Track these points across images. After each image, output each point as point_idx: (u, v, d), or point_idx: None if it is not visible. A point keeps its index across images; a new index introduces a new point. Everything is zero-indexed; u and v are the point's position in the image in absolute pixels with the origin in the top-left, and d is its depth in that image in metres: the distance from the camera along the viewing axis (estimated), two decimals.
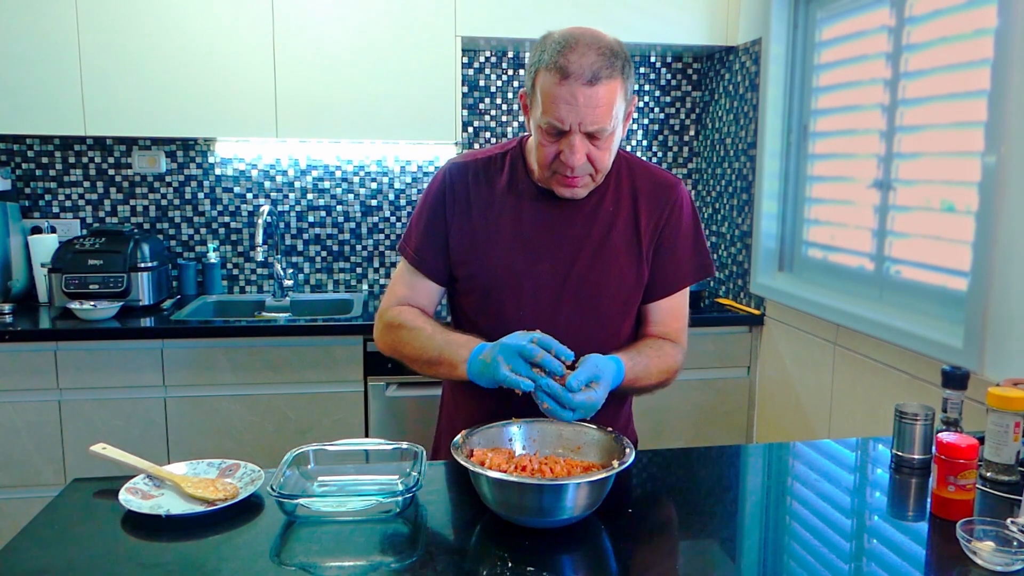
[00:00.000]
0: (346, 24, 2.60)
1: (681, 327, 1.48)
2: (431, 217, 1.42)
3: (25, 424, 2.37)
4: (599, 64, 1.21)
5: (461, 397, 1.46)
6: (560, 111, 1.22)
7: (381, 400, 2.48)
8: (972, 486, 1.11)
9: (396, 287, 1.46)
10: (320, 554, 1.02)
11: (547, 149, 1.28)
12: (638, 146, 3.17)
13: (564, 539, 1.05)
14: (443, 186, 1.41)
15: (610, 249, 1.38)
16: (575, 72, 1.20)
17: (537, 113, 1.27)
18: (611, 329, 1.41)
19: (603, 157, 1.29)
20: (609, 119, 1.24)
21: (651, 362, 1.36)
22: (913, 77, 2.04)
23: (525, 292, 1.37)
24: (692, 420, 2.72)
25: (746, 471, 1.39)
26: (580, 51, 1.21)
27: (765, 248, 2.66)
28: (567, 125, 1.23)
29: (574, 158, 1.25)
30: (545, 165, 1.31)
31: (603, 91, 1.22)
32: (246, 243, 3.00)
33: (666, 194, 1.42)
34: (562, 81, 1.21)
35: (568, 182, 1.31)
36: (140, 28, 2.51)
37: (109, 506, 1.12)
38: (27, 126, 2.53)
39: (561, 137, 1.26)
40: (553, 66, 1.22)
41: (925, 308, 1.99)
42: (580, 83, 1.21)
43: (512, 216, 1.38)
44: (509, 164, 1.41)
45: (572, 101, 1.21)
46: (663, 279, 1.43)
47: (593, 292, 1.38)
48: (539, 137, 1.29)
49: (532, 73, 1.28)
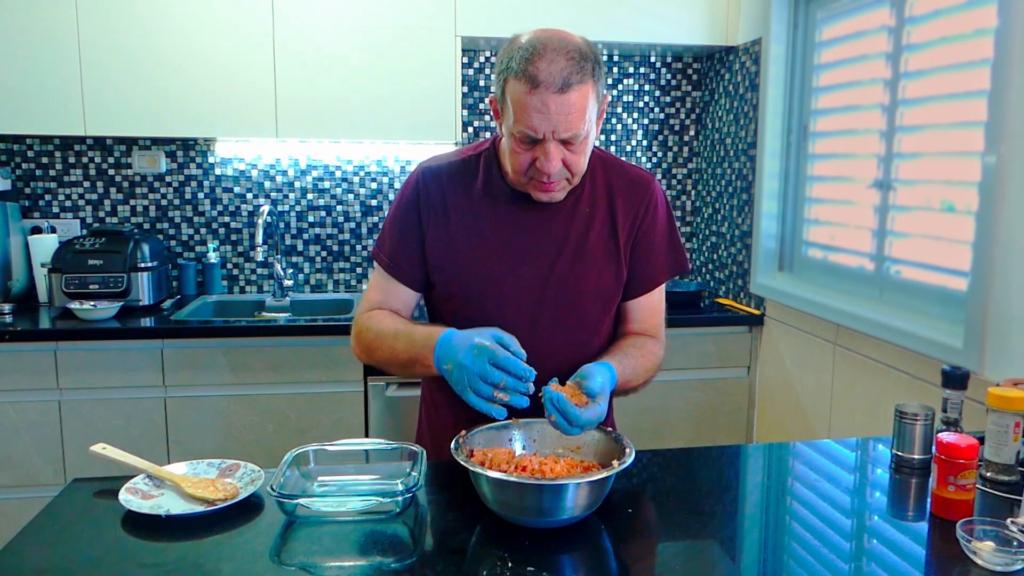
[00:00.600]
0: (346, 24, 2.60)
1: (659, 322, 1.48)
2: (405, 223, 1.39)
3: (25, 424, 2.37)
4: (569, 70, 1.19)
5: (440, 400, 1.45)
6: (532, 120, 1.20)
7: (381, 400, 2.48)
8: (972, 486, 1.12)
9: (370, 294, 1.44)
10: (320, 554, 1.02)
11: (521, 157, 1.26)
12: (638, 146, 3.17)
13: (564, 539, 1.05)
14: (417, 192, 1.39)
15: (589, 250, 1.38)
16: (545, 80, 1.18)
17: (509, 121, 1.24)
18: (591, 329, 1.41)
19: (578, 161, 1.28)
20: (582, 124, 1.22)
21: (638, 363, 1.36)
22: (913, 77, 2.04)
23: (506, 296, 1.36)
24: (692, 420, 2.72)
25: (746, 471, 1.39)
26: (549, 58, 1.19)
27: (765, 248, 2.66)
28: (540, 134, 1.22)
29: (550, 165, 1.24)
30: (521, 172, 1.29)
31: (575, 97, 1.20)
32: (246, 243, 3.00)
33: (642, 192, 1.42)
34: (532, 90, 1.19)
35: (545, 187, 1.29)
36: (140, 28, 2.51)
37: (109, 506, 1.12)
38: (27, 126, 2.53)
39: (535, 145, 1.24)
40: (522, 74, 1.19)
41: (925, 308, 1.99)
42: (551, 91, 1.18)
43: (490, 220, 1.37)
44: (484, 166, 1.40)
45: (544, 110, 1.19)
46: (641, 277, 1.43)
47: (574, 293, 1.37)
48: (512, 145, 1.26)
49: (501, 80, 1.25)
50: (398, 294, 1.42)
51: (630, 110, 3.15)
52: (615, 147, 3.15)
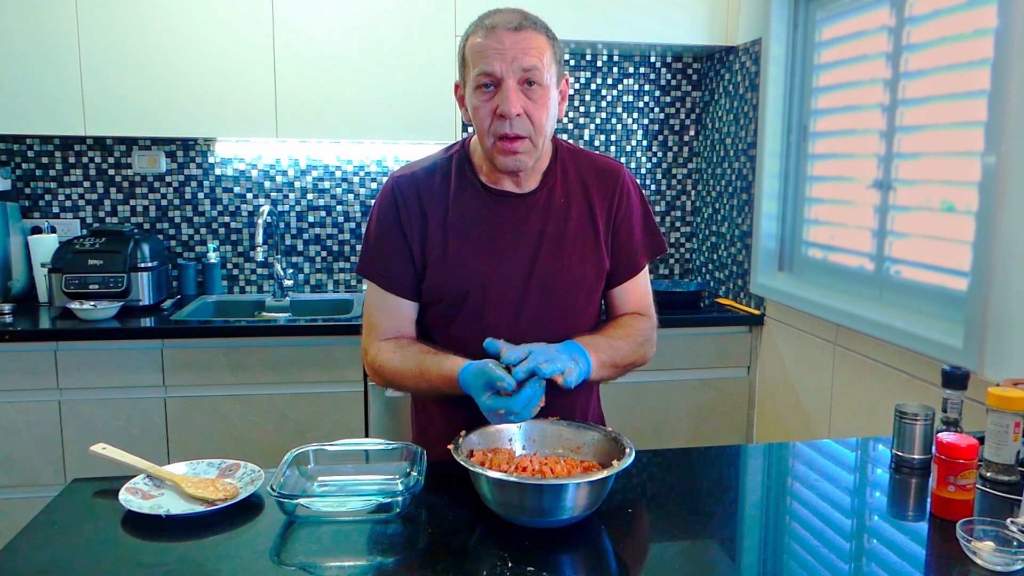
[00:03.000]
0: (346, 24, 2.60)
1: (647, 303, 1.50)
2: (390, 235, 1.38)
3: (25, 424, 2.37)
4: (521, 16, 1.27)
5: (430, 404, 1.46)
6: (490, 58, 1.25)
7: (381, 400, 2.48)
8: (972, 486, 1.12)
9: (372, 318, 1.42)
10: (320, 554, 1.02)
11: (483, 109, 1.28)
12: (638, 146, 3.17)
13: (564, 539, 1.05)
14: (395, 202, 1.37)
15: (568, 241, 1.38)
16: (499, 24, 1.26)
17: (470, 76, 1.28)
18: (575, 319, 1.41)
19: (539, 113, 1.28)
20: (541, 62, 1.26)
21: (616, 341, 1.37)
22: (913, 77, 2.04)
23: (490, 293, 1.36)
24: (692, 420, 2.72)
25: (746, 471, 1.39)
26: (503, 13, 1.28)
27: (765, 248, 2.66)
28: (499, 70, 1.25)
29: (510, 105, 1.25)
30: (485, 131, 1.29)
31: (529, 35, 1.26)
32: (246, 243, 3.00)
33: (613, 180, 1.43)
34: (488, 34, 1.26)
35: (509, 146, 1.28)
36: (140, 28, 2.51)
37: (109, 506, 1.12)
38: (27, 126, 2.53)
39: (495, 90, 1.27)
40: (479, 27, 1.28)
41: (925, 308, 1.99)
42: (506, 30, 1.25)
43: (468, 220, 1.37)
44: (456, 167, 1.39)
45: (499, 46, 1.24)
46: (623, 264, 1.44)
47: (557, 285, 1.38)
48: (475, 101, 1.28)
49: (461, 52, 1.31)
50: (400, 311, 1.40)
51: (630, 110, 3.15)
52: (615, 147, 3.16)
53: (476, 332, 1.31)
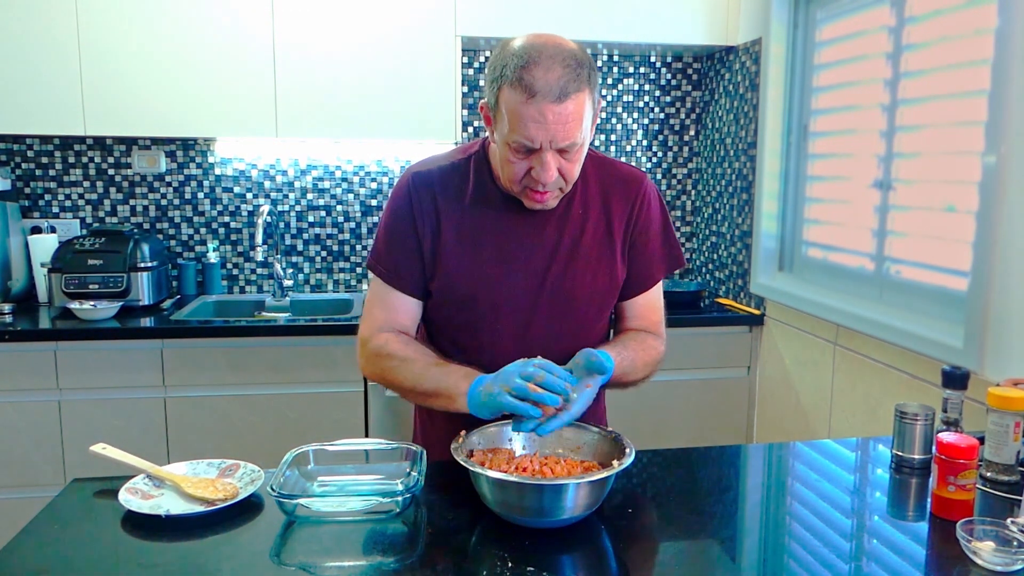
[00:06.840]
0: (346, 24, 2.60)
1: (659, 319, 1.47)
2: (400, 231, 1.37)
3: (25, 424, 2.37)
4: (566, 78, 1.16)
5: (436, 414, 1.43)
6: (529, 130, 1.18)
7: (381, 400, 2.48)
8: (972, 486, 1.12)
9: (374, 310, 1.40)
10: (320, 554, 1.02)
11: (516, 166, 1.24)
12: (638, 146, 3.17)
13: (564, 539, 1.05)
14: (409, 199, 1.36)
15: (583, 254, 1.36)
16: (542, 90, 1.15)
17: (504, 130, 1.21)
18: (586, 332, 1.40)
19: (572, 169, 1.26)
20: (579, 132, 1.20)
21: (637, 356, 1.36)
22: (913, 76, 2.04)
23: (500, 302, 1.35)
24: (692, 420, 2.72)
25: (746, 471, 1.39)
26: (545, 66, 1.16)
27: (765, 248, 2.66)
28: (537, 144, 1.19)
29: (546, 175, 1.22)
30: (516, 181, 1.26)
31: (572, 106, 1.17)
32: (246, 243, 3.00)
33: (635, 190, 1.40)
34: (529, 100, 1.16)
35: (538, 196, 1.28)
36: (140, 28, 2.51)
37: (109, 506, 1.12)
38: (27, 126, 2.53)
39: (531, 154, 1.22)
40: (518, 83, 1.16)
41: (925, 308, 1.99)
42: (548, 101, 1.16)
43: (483, 227, 1.35)
44: (474, 170, 1.37)
45: (541, 120, 1.17)
46: (638, 276, 1.42)
47: (568, 298, 1.36)
48: (506, 154, 1.23)
49: (495, 88, 1.21)
50: (402, 307, 1.39)
51: (630, 110, 3.15)
52: (615, 147, 3.15)
53: (485, 340, 1.31)
